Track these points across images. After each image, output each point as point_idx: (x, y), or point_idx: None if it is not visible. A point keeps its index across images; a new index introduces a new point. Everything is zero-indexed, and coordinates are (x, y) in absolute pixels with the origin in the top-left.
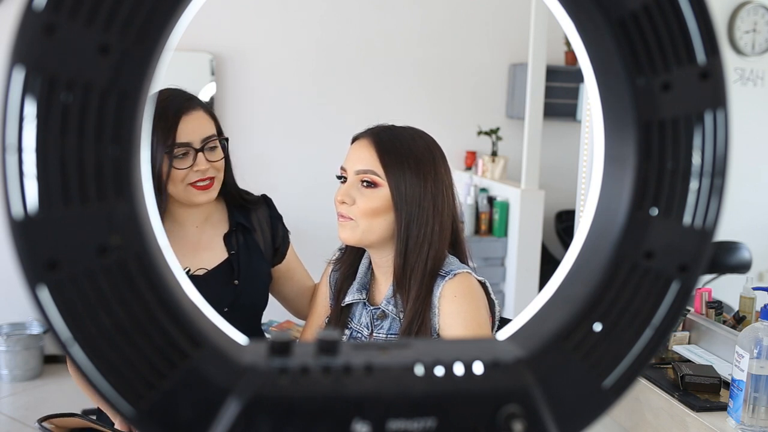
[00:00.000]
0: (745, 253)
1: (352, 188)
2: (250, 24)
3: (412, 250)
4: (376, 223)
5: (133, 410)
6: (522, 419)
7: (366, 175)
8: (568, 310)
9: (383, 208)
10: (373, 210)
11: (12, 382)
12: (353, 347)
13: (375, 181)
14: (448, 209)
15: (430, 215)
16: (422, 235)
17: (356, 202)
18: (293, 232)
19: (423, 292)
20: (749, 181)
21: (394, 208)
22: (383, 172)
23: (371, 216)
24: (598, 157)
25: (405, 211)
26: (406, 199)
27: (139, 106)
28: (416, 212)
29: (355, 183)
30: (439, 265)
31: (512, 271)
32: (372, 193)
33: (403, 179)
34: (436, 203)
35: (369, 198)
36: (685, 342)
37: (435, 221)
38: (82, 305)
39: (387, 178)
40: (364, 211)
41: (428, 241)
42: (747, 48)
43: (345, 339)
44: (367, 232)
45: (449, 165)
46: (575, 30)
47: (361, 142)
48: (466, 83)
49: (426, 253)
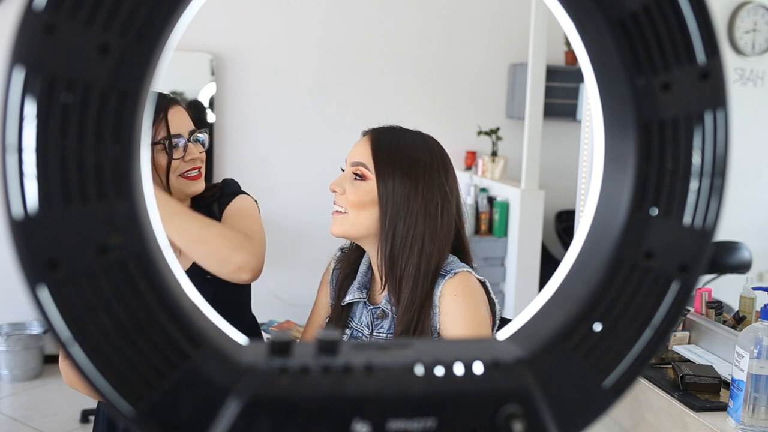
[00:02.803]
0: (745, 253)
1: (345, 179)
2: (250, 24)
3: (399, 249)
4: (362, 216)
5: (133, 410)
6: (522, 419)
7: (357, 168)
8: (568, 310)
9: (369, 201)
10: (359, 201)
11: (12, 382)
12: (353, 347)
13: (364, 174)
14: (446, 217)
15: (420, 218)
16: (410, 237)
17: (345, 192)
18: (293, 232)
19: (419, 296)
20: (749, 181)
21: (378, 203)
22: (373, 167)
23: (358, 207)
24: (598, 157)
25: (390, 208)
26: (392, 196)
27: (139, 105)
28: (404, 212)
29: (349, 174)
30: (436, 266)
31: (512, 271)
32: (360, 185)
33: (391, 177)
34: (428, 208)
35: (357, 189)
36: (685, 342)
37: (426, 226)
38: (82, 305)
39: (375, 173)
40: (350, 202)
41: (418, 245)
42: (747, 48)
43: (346, 338)
44: (355, 225)
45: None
46: (575, 30)
47: (366, 137)
48: (466, 83)
49: (417, 256)
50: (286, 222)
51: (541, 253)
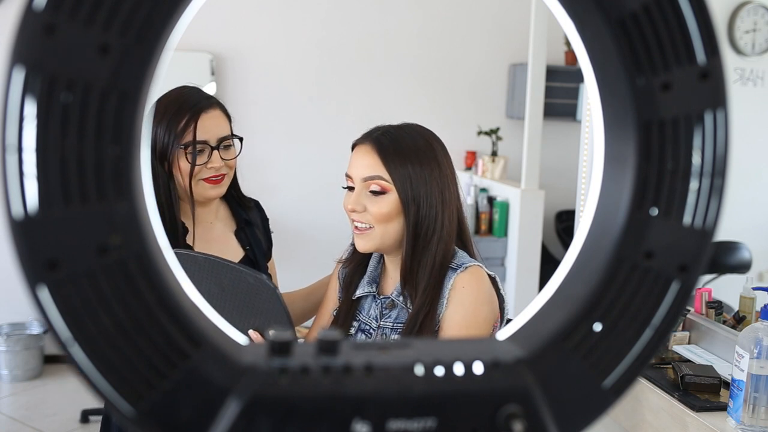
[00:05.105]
0: (745, 253)
1: (361, 196)
2: (250, 24)
3: (422, 244)
4: (391, 227)
5: (133, 410)
6: (522, 419)
7: (373, 182)
8: (568, 310)
9: (395, 211)
10: (385, 215)
11: (12, 382)
12: (353, 347)
13: (383, 186)
14: (454, 200)
15: (438, 209)
16: (432, 230)
17: (367, 209)
18: (293, 232)
19: (432, 283)
20: (749, 181)
21: (403, 210)
22: (389, 177)
23: (385, 221)
24: (598, 157)
25: (413, 211)
26: (413, 198)
27: (139, 106)
28: (425, 209)
29: (363, 190)
30: (448, 258)
31: (512, 271)
32: (381, 200)
33: (408, 180)
34: (444, 196)
35: (379, 204)
36: (685, 342)
37: (444, 214)
38: (82, 305)
39: (394, 182)
40: (377, 217)
41: (438, 235)
42: (747, 48)
43: (353, 331)
44: (384, 238)
45: (450, 157)
46: (575, 30)
47: (363, 148)
48: (466, 83)
49: (435, 247)
50: (286, 222)
51: (541, 253)
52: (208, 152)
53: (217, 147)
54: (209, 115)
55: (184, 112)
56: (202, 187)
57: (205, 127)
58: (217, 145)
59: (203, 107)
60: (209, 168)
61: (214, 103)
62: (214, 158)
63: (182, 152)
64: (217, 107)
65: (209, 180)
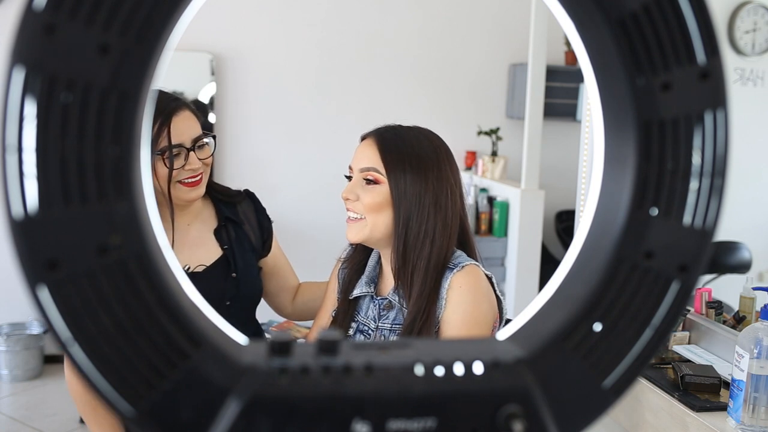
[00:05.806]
0: (745, 253)
1: (356, 185)
2: (250, 24)
3: (412, 245)
4: (380, 219)
5: (133, 410)
6: (522, 419)
7: (368, 173)
8: (568, 310)
9: (384, 203)
10: (375, 205)
11: (12, 382)
12: (353, 347)
13: (376, 178)
14: (453, 207)
15: (431, 213)
16: (422, 232)
17: (359, 198)
18: (293, 232)
19: (428, 287)
20: (749, 181)
21: (393, 203)
22: (384, 170)
23: (374, 211)
24: (598, 157)
25: (403, 207)
26: (405, 195)
27: (139, 106)
28: (416, 209)
29: (359, 180)
30: (446, 259)
31: (512, 271)
32: (373, 189)
33: (403, 177)
34: (438, 201)
35: (372, 194)
36: (685, 342)
37: (437, 218)
38: (82, 305)
39: (387, 176)
40: (366, 206)
41: (429, 238)
42: (747, 48)
43: (351, 332)
44: (374, 230)
45: (457, 165)
46: (575, 30)
47: (367, 141)
48: (466, 83)
49: (428, 250)
50: (286, 222)
51: (541, 253)
52: (185, 155)
53: (193, 148)
54: (180, 117)
55: (155, 118)
56: (180, 190)
57: (179, 130)
58: (192, 146)
59: (173, 110)
60: (187, 170)
61: (182, 104)
62: (192, 160)
63: (159, 158)
64: (185, 108)
65: (187, 183)
